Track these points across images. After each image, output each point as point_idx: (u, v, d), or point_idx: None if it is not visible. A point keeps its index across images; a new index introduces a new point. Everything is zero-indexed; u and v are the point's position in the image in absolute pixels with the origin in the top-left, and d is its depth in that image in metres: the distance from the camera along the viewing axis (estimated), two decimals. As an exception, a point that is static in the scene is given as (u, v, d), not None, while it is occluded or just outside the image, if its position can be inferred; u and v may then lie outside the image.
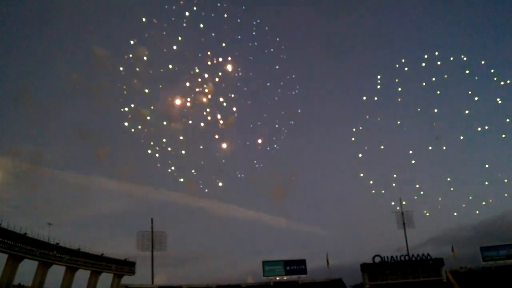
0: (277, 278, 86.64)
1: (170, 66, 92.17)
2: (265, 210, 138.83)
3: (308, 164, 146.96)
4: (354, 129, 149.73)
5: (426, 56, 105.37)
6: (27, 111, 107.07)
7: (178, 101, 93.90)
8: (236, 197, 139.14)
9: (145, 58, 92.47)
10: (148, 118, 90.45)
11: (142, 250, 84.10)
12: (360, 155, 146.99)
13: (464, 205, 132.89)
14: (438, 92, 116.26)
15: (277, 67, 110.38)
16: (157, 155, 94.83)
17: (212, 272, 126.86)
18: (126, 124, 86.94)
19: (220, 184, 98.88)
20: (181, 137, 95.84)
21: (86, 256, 78.58)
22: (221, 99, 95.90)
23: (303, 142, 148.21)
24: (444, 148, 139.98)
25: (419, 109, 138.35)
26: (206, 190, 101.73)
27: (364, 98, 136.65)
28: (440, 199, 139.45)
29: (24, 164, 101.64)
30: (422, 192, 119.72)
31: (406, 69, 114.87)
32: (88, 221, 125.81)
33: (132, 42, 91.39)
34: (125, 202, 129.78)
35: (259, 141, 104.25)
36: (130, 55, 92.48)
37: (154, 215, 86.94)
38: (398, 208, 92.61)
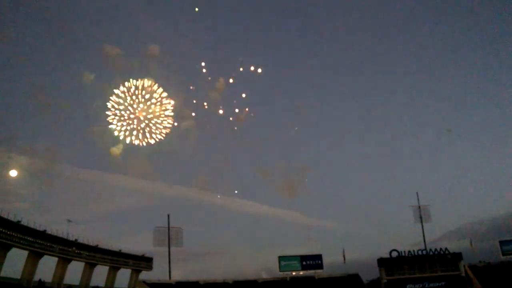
0: (294, 273, 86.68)
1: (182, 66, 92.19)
2: (281, 205, 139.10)
3: (324, 158, 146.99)
4: (369, 123, 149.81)
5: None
6: (43, 110, 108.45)
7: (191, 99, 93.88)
8: (251, 192, 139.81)
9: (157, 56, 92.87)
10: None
11: (159, 246, 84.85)
12: (376, 149, 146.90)
13: (481, 199, 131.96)
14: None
15: (289, 64, 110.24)
16: (171, 152, 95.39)
17: (228, 267, 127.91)
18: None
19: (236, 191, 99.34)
20: (195, 135, 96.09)
21: (104, 252, 79.38)
22: (233, 97, 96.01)
23: (318, 136, 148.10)
24: (461, 141, 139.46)
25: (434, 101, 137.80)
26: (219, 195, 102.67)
27: (379, 91, 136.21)
28: (457, 192, 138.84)
29: (43, 162, 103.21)
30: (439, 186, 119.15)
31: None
32: (105, 217, 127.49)
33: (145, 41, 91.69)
34: (142, 198, 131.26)
35: (273, 135, 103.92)
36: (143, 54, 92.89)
37: (171, 211, 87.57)
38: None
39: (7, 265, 59.93)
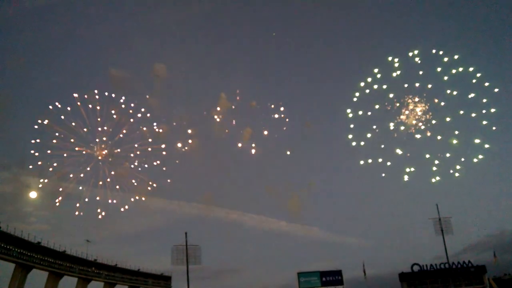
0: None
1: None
2: (299, 220, 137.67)
3: (342, 172, 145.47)
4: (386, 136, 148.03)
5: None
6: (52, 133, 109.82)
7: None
8: (269, 208, 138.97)
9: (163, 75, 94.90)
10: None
11: (177, 264, 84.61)
12: (393, 161, 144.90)
13: (504, 210, 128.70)
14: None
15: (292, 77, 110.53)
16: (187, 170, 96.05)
17: (247, 284, 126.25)
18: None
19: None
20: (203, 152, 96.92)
21: (123, 271, 79.73)
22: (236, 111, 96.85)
23: (336, 149, 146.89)
24: (481, 151, 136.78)
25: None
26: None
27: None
28: (478, 203, 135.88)
29: (60, 183, 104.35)
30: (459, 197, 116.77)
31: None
32: (124, 237, 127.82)
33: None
34: (160, 217, 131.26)
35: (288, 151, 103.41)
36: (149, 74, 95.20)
37: (188, 229, 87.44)
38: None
39: (28, 285, 60.53)
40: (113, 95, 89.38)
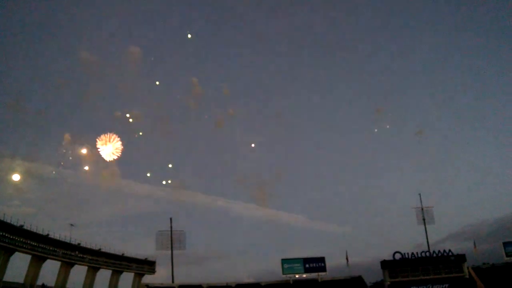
0: (297, 276, 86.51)
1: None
2: (284, 208, 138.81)
3: (325, 161, 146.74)
4: (370, 125, 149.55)
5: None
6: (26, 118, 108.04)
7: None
8: (253, 195, 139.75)
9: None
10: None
11: (161, 249, 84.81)
12: (377, 151, 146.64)
13: (484, 200, 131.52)
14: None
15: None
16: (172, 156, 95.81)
17: (231, 270, 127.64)
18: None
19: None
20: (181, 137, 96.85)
21: (107, 256, 79.35)
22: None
23: (318, 139, 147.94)
24: (464, 143, 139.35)
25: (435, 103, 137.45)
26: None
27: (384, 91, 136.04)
28: (459, 194, 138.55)
29: (45, 167, 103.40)
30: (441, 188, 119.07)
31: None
32: (108, 222, 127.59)
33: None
34: (145, 202, 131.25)
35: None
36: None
37: (174, 215, 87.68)
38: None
39: (10, 269, 60.07)
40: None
